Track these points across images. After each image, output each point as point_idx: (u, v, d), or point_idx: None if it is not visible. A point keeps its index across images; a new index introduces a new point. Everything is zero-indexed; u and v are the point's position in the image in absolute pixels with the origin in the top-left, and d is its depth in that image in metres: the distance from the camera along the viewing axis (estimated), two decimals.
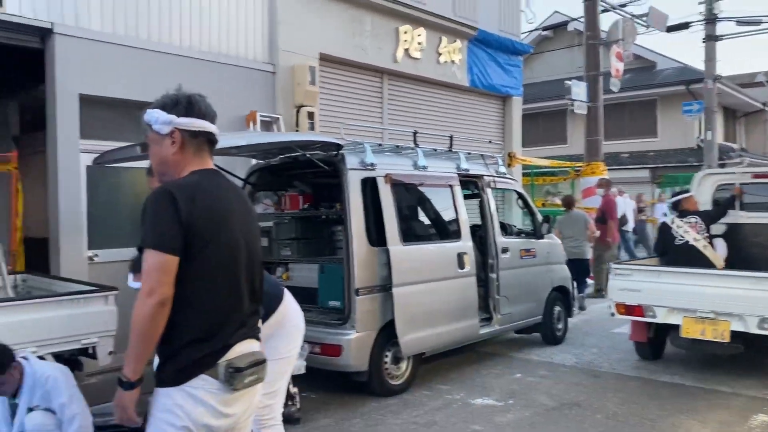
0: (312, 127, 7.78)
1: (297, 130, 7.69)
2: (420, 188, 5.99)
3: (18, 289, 5.18)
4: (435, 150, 6.32)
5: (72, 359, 4.22)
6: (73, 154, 5.91)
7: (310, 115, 7.77)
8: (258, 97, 7.38)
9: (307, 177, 6.26)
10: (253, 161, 6.35)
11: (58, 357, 4.03)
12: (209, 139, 2.27)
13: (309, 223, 6.28)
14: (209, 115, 2.25)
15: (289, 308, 3.54)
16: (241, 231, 2.23)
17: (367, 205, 5.33)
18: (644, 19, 13.55)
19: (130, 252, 5.89)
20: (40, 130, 6.25)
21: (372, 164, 5.41)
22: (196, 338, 2.08)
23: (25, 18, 5.62)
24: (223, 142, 2.84)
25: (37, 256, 6.02)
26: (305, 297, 5.76)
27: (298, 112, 7.72)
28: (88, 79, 5.96)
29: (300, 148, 5.47)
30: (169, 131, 2.18)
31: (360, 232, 5.21)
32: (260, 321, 2.38)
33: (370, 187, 5.38)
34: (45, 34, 5.80)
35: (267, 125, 7.37)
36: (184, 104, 2.20)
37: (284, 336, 3.44)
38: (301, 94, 7.70)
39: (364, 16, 8.69)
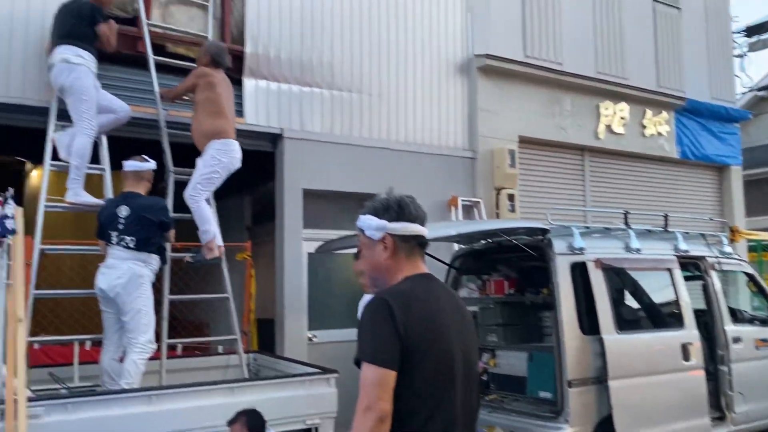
0: (512, 209, 7.79)
1: (497, 212, 7.75)
2: (634, 272, 5.66)
3: (250, 368, 5.70)
4: (649, 230, 5.97)
5: None
6: (297, 242, 6.54)
7: (510, 197, 7.80)
8: (459, 183, 7.63)
9: (511, 261, 6.21)
10: (456, 246, 6.50)
11: None
12: (420, 242, 2.22)
13: (514, 308, 6.18)
14: (420, 218, 2.20)
15: None
16: (457, 341, 2.12)
17: (577, 290, 5.13)
18: None
19: (344, 333, 6.29)
20: (268, 222, 7.03)
21: (581, 248, 5.25)
22: None
23: (261, 126, 6.49)
24: (434, 233, 2.93)
25: (265, 335, 6.64)
26: (513, 385, 5.66)
27: (498, 194, 7.80)
28: (310, 175, 6.64)
29: (505, 233, 5.49)
30: (381, 237, 2.16)
31: (571, 319, 5.01)
32: None
33: (579, 272, 5.19)
34: (275, 138, 6.63)
35: (468, 209, 7.54)
36: (395, 209, 2.17)
37: None
38: (500, 177, 7.79)
39: (563, 97, 8.67)
